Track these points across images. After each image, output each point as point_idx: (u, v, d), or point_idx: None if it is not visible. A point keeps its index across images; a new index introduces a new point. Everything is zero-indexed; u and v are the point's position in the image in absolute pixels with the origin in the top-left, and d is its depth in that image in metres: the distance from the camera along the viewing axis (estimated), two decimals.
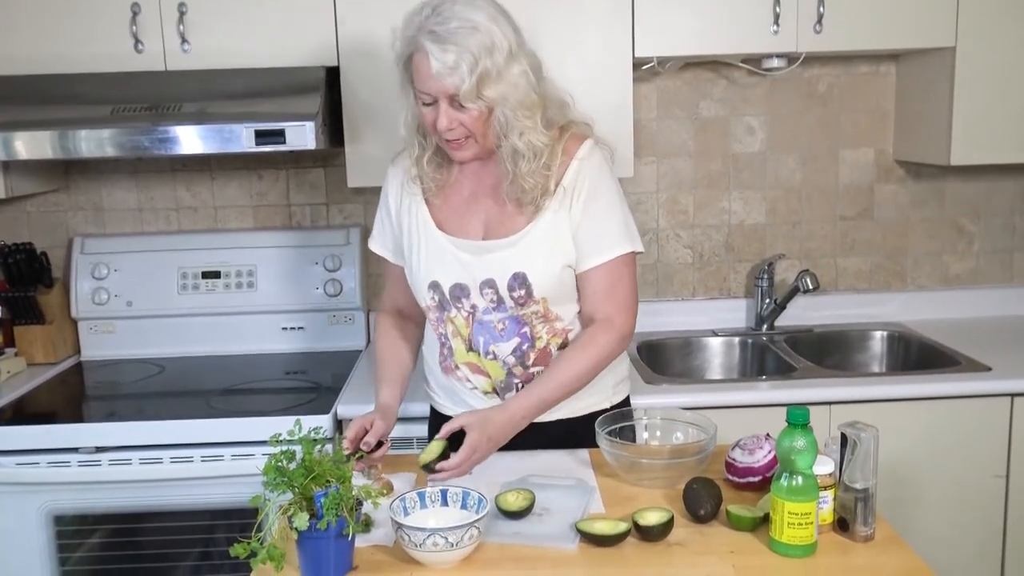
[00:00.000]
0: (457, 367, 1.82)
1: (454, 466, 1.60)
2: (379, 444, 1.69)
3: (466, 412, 1.72)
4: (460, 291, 1.77)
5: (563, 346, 1.80)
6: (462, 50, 1.56)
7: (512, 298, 1.74)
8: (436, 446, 1.64)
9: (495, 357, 1.78)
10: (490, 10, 1.62)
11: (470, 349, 1.79)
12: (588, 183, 1.73)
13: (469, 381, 1.82)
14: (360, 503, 1.39)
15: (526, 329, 1.77)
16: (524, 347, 1.78)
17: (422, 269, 1.79)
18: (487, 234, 1.76)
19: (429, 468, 1.61)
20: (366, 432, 1.68)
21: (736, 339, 2.79)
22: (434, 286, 1.78)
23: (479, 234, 1.76)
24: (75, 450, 2.16)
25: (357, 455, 1.62)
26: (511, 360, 1.78)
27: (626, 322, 1.77)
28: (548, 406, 1.75)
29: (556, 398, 1.75)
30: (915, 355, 2.67)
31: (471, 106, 1.61)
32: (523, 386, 1.78)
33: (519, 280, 1.73)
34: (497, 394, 1.81)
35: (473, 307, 1.77)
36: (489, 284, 1.74)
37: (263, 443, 1.42)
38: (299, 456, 1.38)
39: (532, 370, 1.79)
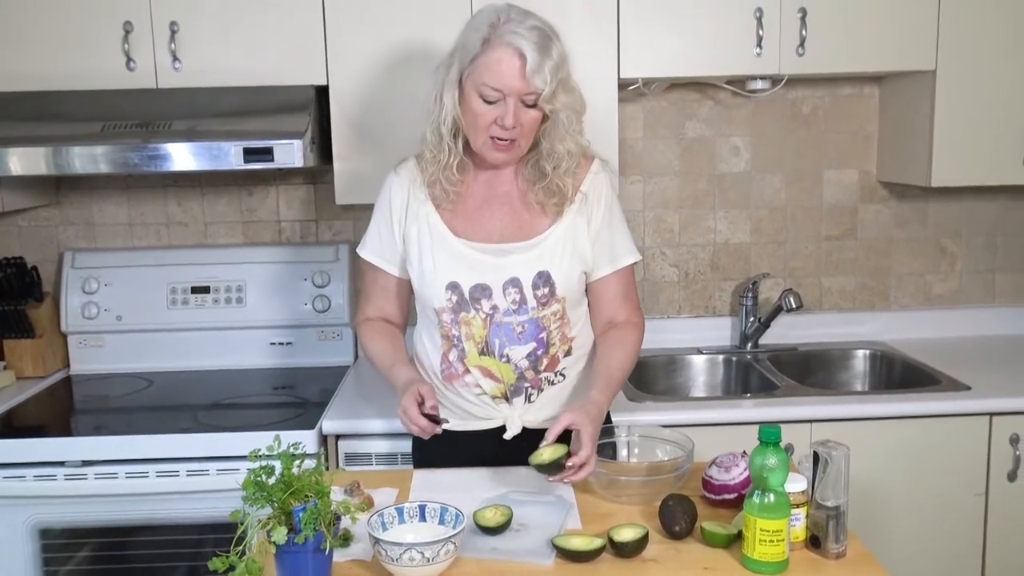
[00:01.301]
0: (467, 371, 1.84)
1: (587, 457, 1.63)
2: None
3: (564, 412, 1.69)
4: (481, 292, 1.80)
5: (568, 354, 1.86)
6: (548, 55, 1.68)
7: (536, 297, 1.80)
8: (560, 448, 1.64)
9: (508, 360, 1.82)
10: (550, 24, 1.74)
11: (483, 352, 1.83)
12: (604, 197, 1.85)
13: (479, 386, 1.85)
14: (338, 518, 1.41)
15: (543, 334, 1.82)
16: (539, 352, 1.83)
17: (438, 272, 1.82)
18: (503, 239, 1.82)
19: (556, 466, 1.62)
20: (421, 403, 1.72)
21: (720, 357, 2.82)
22: (453, 287, 1.81)
23: (495, 239, 1.82)
24: (61, 464, 2.17)
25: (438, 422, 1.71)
26: (524, 364, 1.83)
27: (641, 321, 1.93)
28: None
29: (616, 392, 1.85)
30: (897, 374, 2.69)
31: (545, 106, 1.71)
32: (533, 391, 1.84)
33: (543, 278, 1.80)
34: (506, 399, 1.85)
35: (494, 308, 1.81)
36: (514, 283, 1.80)
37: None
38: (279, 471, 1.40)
39: (542, 375, 1.84)
